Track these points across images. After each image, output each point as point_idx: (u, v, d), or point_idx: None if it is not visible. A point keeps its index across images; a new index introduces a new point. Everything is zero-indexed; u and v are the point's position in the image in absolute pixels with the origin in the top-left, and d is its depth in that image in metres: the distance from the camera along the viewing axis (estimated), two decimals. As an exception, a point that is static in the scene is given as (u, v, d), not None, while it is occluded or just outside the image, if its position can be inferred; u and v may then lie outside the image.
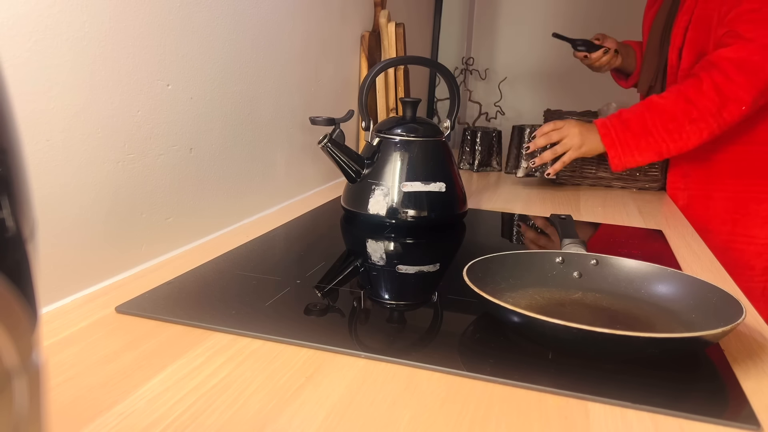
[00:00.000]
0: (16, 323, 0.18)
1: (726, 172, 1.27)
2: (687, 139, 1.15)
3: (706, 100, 1.13)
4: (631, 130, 1.17)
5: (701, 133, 1.14)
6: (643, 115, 1.17)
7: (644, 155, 1.18)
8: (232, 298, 0.61)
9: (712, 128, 1.14)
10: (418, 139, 0.91)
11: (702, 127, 1.14)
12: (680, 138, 1.15)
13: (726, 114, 1.13)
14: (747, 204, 1.26)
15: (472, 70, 2.19)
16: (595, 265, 0.67)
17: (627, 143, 1.17)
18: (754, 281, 1.26)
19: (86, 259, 0.62)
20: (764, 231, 1.25)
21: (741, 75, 1.10)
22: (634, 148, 1.17)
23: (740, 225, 1.27)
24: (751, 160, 1.24)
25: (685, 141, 1.15)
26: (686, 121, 1.14)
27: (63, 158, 0.58)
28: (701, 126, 1.14)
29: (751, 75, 1.10)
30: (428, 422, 0.42)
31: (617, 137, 1.18)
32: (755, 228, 1.26)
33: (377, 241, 0.85)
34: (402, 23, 1.44)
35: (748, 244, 1.26)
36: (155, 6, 0.68)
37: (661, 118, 1.15)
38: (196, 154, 0.79)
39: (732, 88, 1.11)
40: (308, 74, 1.10)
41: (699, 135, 1.15)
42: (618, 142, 1.18)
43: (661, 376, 0.49)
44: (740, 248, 1.27)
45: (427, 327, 0.57)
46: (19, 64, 0.52)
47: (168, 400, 0.44)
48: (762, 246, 1.25)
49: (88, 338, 0.52)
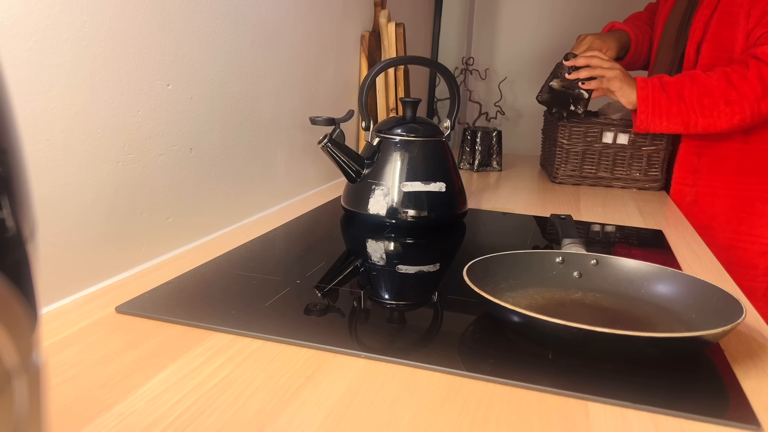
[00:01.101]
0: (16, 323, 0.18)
1: (734, 170, 1.27)
2: (717, 117, 1.17)
3: (747, 85, 1.15)
4: (667, 93, 1.19)
5: (733, 116, 1.16)
6: (683, 83, 1.19)
7: (672, 121, 1.19)
8: (232, 298, 0.61)
9: (745, 115, 1.16)
10: (418, 139, 0.91)
11: (736, 110, 1.15)
12: (711, 115, 1.17)
13: (764, 105, 1.14)
14: (753, 203, 1.26)
15: (472, 70, 2.19)
16: (595, 265, 0.67)
17: (659, 104, 1.19)
18: (757, 281, 1.26)
19: (86, 259, 0.62)
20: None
21: None
22: (664, 111, 1.19)
23: (745, 224, 1.27)
24: (760, 158, 1.25)
25: (716, 119, 1.17)
26: (722, 100, 1.16)
27: (63, 158, 0.58)
28: (735, 109, 1.15)
29: None
30: (428, 422, 0.42)
31: (652, 95, 1.19)
32: (760, 227, 1.26)
33: (377, 241, 0.85)
34: (402, 23, 1.44)
35: (752, 243, 1.26)
36: (155, 6, 0.68)
37: (699, 91, 1.17)
38: (196, 154, 0.79)
39: None
40: (308, 74, 1.10)
41: (730, 118, 1.16)
42: (652, 99, 1.19)
43: (661, 376, 0.49)
44: (744, 247, 1.27)
45: (427, 327, 0.57)
46: (19, 64, 0.52)
47: (168, 400, 0.44)
48: (766, 245, 1.25)
49: (88, 338, 0.52)
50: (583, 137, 1.35)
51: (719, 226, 1.28)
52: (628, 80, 1.22)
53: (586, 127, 1.34)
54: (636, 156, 1.34)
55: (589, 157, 1.36)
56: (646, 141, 1.33)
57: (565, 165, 1.37)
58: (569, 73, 1.26)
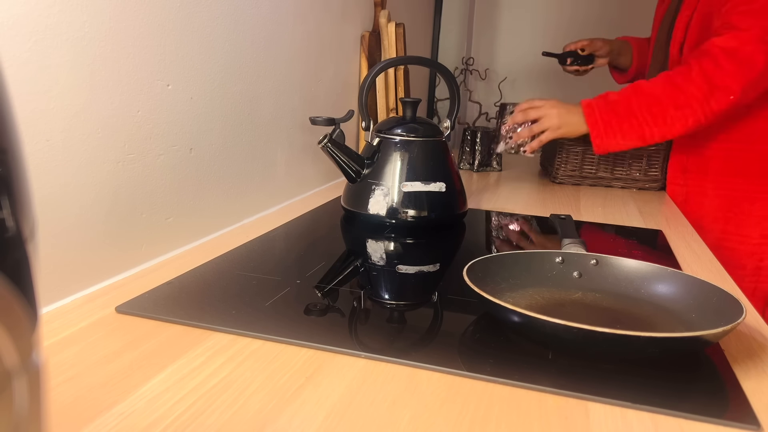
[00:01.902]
0: (16, 323, 0.18)
1: (722, 170, 1.27)
2: (671, 125, 1.14)
3: (693, 86, 1.12)
4: (615, 112, 1.16)
5: (686, 120, 1.13)
6: (629, 98, 1.16)
7: (627, 138, 1.17)
8: (232, 298, 0.61)
9: (698, 116, 1.13)
10: (418, 139, 0.91)
11: (687, 114, 1.13)
12: (664, 123, 1.14)
13: (713, 103, 1.11)
14: (740, 203, 1.26)
15: (472, 70, 2.19)
16: (595, 265, 0.67)
17: (610, 124, 1.16)
18: (745, 281, 1.26)
19: (86, 259, 0.62)
20: (756, 230, 1.25)
21: (731, 63, 1.09)
22: (617, 130, 1.16)
23: (732, 223, 1.27)
24: (747, 158, 1.24)
25: (669, 127, 1.14)
26: (671, 106, 1.13)
27: (63, 158, 0.58)
28: (686, 113, 1.13)
29: (742, 64, 1.09)
30: (428, 422, 0.42)
31: (601, 118, 1.17)
32: (748, 227, 1.26)
33: (377, 241, 0.85)
34: (402, 23, 1.44)
35: (740, 243, 1.26)
36: (155, 6, 0.68)
37: (647, 101, 1.14)
38: (196, 154, 0.79)
39: (720, 76, 1.10)
40: (308, 74, 1.10)
41: (684, 122, 1.13)
42: (601, 122, 1.17)
43: (661, 376, 0.49)
44: (732, 247, 1.27)
45: (427, 327, 0.57)
46: (19, 64, 0.52)
47: (168, 400, 0.44)
48: (754, 246, 1.26)
49: (88, 338, 0.52)
50: (583, 137, 1.35)
51: (707, 226, 1.29)
52: (569, 113, 1.20)
53: (586, 127, 1.34)
54: (636, 156, 1.34)
55: (589, 157, 1.36)
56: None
57: (565, 165, 1.37)
58: (510, 137, 1.26)
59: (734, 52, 1.09)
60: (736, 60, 1.09)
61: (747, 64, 1.08)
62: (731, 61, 1.09)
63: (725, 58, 1.10)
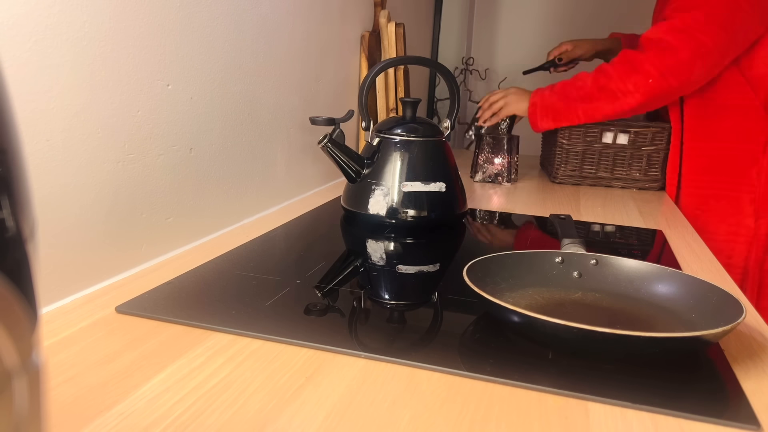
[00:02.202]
0: (16, 323, 0.18)
1: (694, 168, 1.30)
2: (596, 106, 1.26)
3: (616, 69, 1.22)
4: (555, 97, 1.31)
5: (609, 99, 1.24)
6: (566, 84, 1.30)
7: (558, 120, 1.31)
8: (232, 298, 0.61)
9: (618, 97, 1.23)
10: (418, 139, 0.91)
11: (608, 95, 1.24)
12: (590, 103, 1.26)
13: (630, 84, 1.21)
14: (707, 200, 1.29)
15: (472, 70, 2.19)
16: (594, 265, 0.67)
17: (546, 109, 1.31)
18: None
19: (86, 259, 0.62)
20: (723, 227, 1.28)
21: (652, 50, 1.19)
22: (551, 114, 1.31)
23: (701, 221, 1.30)
24: (715, 156, 1.27)
25: (594, 107, 1.26)
26: (595, 87, 1.24)
27: (63, 158, 0.58)
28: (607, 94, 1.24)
29: (662, 51, 1.18)
30: (428, 422, 0.42)
31: (541, 103, 1.32)
32: (715, 224, 1.29)
33: (377, 241, 0.85)
34: (402, 23, 1.44)
35: (708, 240, 1.28)
36: (155, 6, 0.68)
37: (577, 85, 1.28)
38: (196, 154, 0.79)
39: (641, 60, 1.20)
40: (308, 74, 1.10)
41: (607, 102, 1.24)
42: (540, 107, 1.32)
43: (661, 376, 0.49)
44: None
45: (427, 327, 0.57)
46: (19, 64, 0.52)
47: (168, 400, 0.44)
48: (721, 243, 1.28)
49: (88, 338, 0.52)
50: (583, 137, 1.35)
51: None
52: (522, 95, 1.37)
53: (585, 127, 1.34)
54: (636, 156, 1.34)
55: (589, 157, 1.36)
56: (646, 141, 1.33)
57: (565, 165, 1.37)
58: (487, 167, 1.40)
59: (657, 41, 1.19)
60: (657, 47, 1.18)
61: (667, 50, 1.17)
62: (653, 47, 1.19)
63: (649, 45, 1.20)
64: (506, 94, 1.39)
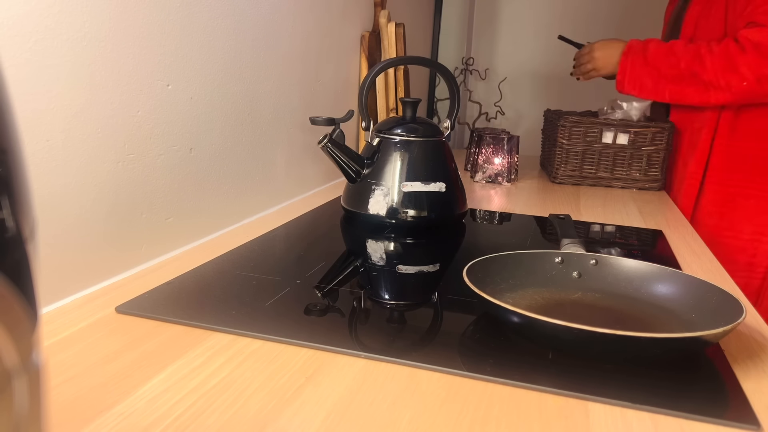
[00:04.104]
0: (16, 323, 0.18)
1: (724, 165, 1.29)
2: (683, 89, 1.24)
3: (714, 59, 1.19)
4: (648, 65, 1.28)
5: (698, 88, 1.22)
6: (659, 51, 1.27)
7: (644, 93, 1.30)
8: (232, 298, 0.61)
9: (709, 88, 1.21)
10: (418, 139, 0.91)
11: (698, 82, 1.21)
12: (679, 85, 1.25)
13: (722, 80, 1.19)
14: (734, 198, 1.28)
15: (472, 70, 2.19)
16: (594, 265, 0.67)
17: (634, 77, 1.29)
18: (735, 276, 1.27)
19: (86, 259, 0.62)
20: (749, 227, 1.27)
21: (754, 52, 1.15)
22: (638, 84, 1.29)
23: (726, 219, 1.29)
24: (745, 155, 1.26)
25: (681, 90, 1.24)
26: (688, 72, 1.22)
27: (63, 158, 0.58)
28: (697, 81, 1.22)
29: (763, 56, 1.15)
30: (428, 422, 0.42)
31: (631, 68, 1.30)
32: (740, 223, 1.27)
33: (377, 241, 0.85)
34: (402, 23, 1.44)
35: (732, 238, 1.27)
36: (155, 6, 0.68)
37: (668, 59, 1.25)
38: (196, 154, 0.79)
39: (741, 60, 1.16)
40: (308, 74, 1.10)
41: (696, 90, 1.22)
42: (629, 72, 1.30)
43: (661, 376, 0.49)
44: (724, 242, 1.28)
45: (427, 327, 0.57)
46: (19, 64, 0.52)
47: (168, 400, 0.44)
48: (746, 241, 1.27)
49: (88, 338, 0.52)
50: (583, 137, 1.35)
51: (701, 221, 1.30)
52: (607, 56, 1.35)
53: (586, 127, 1.34)
54: (636, 156, 1.34)
55: (589, 157, 1.36)
56: (645, 141, 1.33)
57: (565, 165, 1.37)
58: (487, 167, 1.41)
59: (759, 44, 1.16)
60: (758, 51, 1.15)
61: (766, 57, 1.15)
62: (755, 50, 1.16)
63: (750, 47, 1.16)
64: (591, 59, 1.38)
